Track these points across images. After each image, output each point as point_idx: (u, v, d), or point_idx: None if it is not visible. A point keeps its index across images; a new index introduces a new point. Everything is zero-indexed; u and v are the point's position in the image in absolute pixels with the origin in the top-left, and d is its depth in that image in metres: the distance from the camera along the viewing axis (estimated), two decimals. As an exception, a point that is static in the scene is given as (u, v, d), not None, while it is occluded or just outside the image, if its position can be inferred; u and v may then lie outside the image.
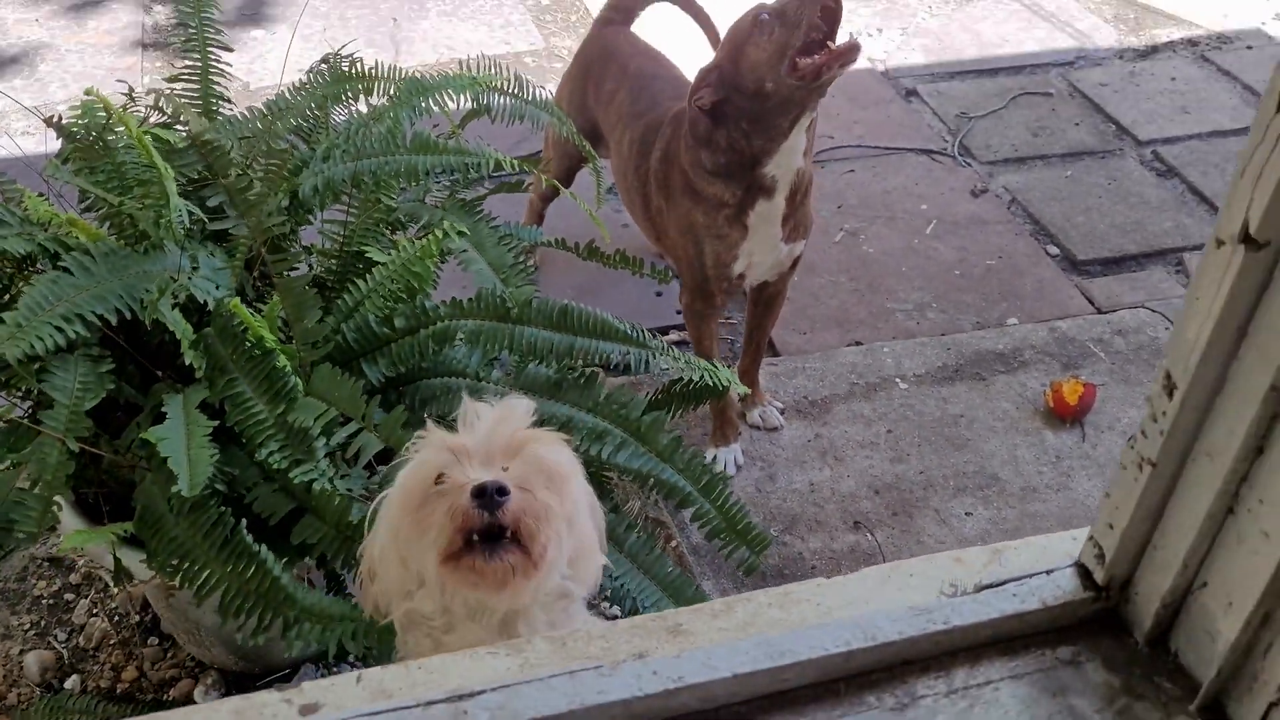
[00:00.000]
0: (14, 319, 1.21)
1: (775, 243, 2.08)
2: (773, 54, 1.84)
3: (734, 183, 1.99)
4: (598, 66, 2.47)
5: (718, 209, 2.02)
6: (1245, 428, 0.63)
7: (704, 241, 2.06)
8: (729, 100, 1.92)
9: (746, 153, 1.95)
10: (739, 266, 2.09)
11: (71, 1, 4.03)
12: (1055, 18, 4.10)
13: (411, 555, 1.07)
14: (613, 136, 2.37)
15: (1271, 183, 0.56)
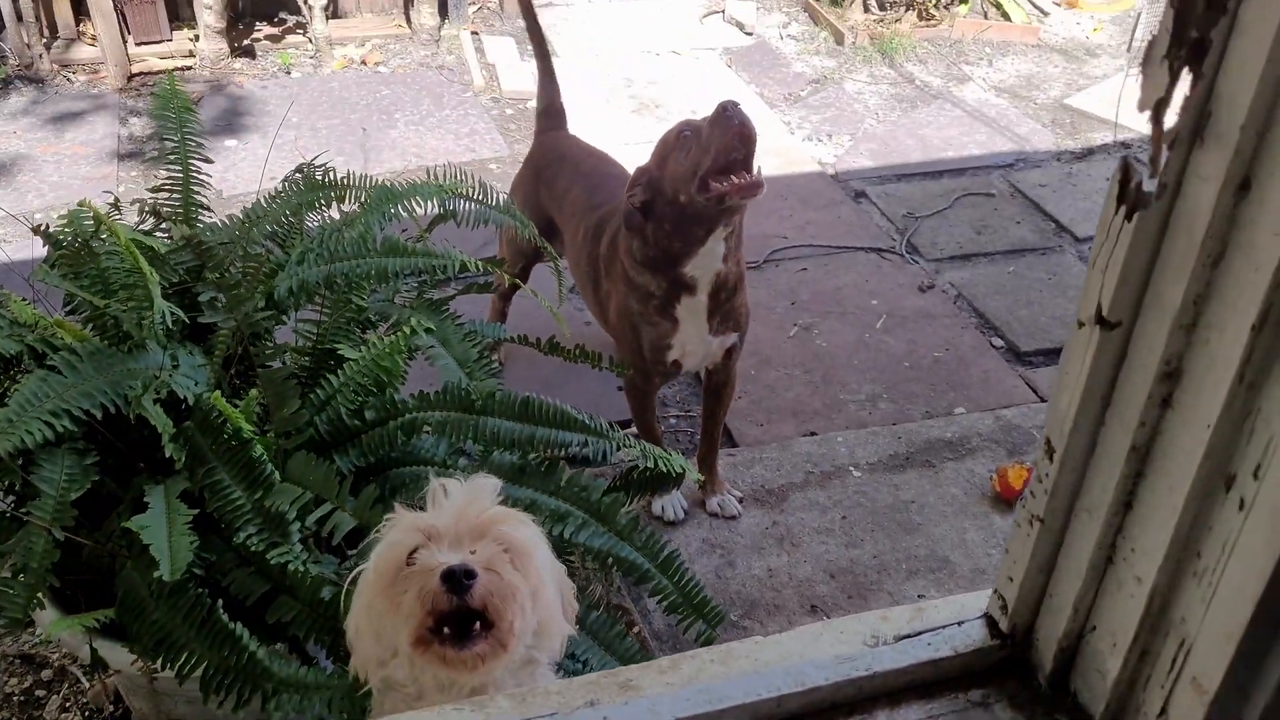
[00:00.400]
0: (5, 415, 1.29)
1: (703, 335, 2.20)
2: (687, 170, 1.97)
3: (659, 276, 2.13)
4: (549, 169, 2.61)
5: (647, 299, 2.16)
6: (1115, 484, 0.73)
7: (640, 326, 2.19)
8: (655, 202, 2.06)
9: (669, 251, 2.09)
10: (673, 354, 2.22)
11: (50, 114, 4.15)
12: (996, 123, 4.32)
13: (385, 630, 1.13)
14: (568, 229, 2.50)
15: (1116, 272, 0.67)
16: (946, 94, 4.57)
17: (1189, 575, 0.70)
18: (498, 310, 2.91)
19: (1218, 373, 0.64)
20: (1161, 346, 0.67)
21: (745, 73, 4.79)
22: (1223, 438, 0.65)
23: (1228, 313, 0.63)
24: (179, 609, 1.33)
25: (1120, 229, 0.66)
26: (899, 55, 4.87)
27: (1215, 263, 0.63)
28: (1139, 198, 0.65)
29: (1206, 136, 0.62)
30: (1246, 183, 0.61)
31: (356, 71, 4.66)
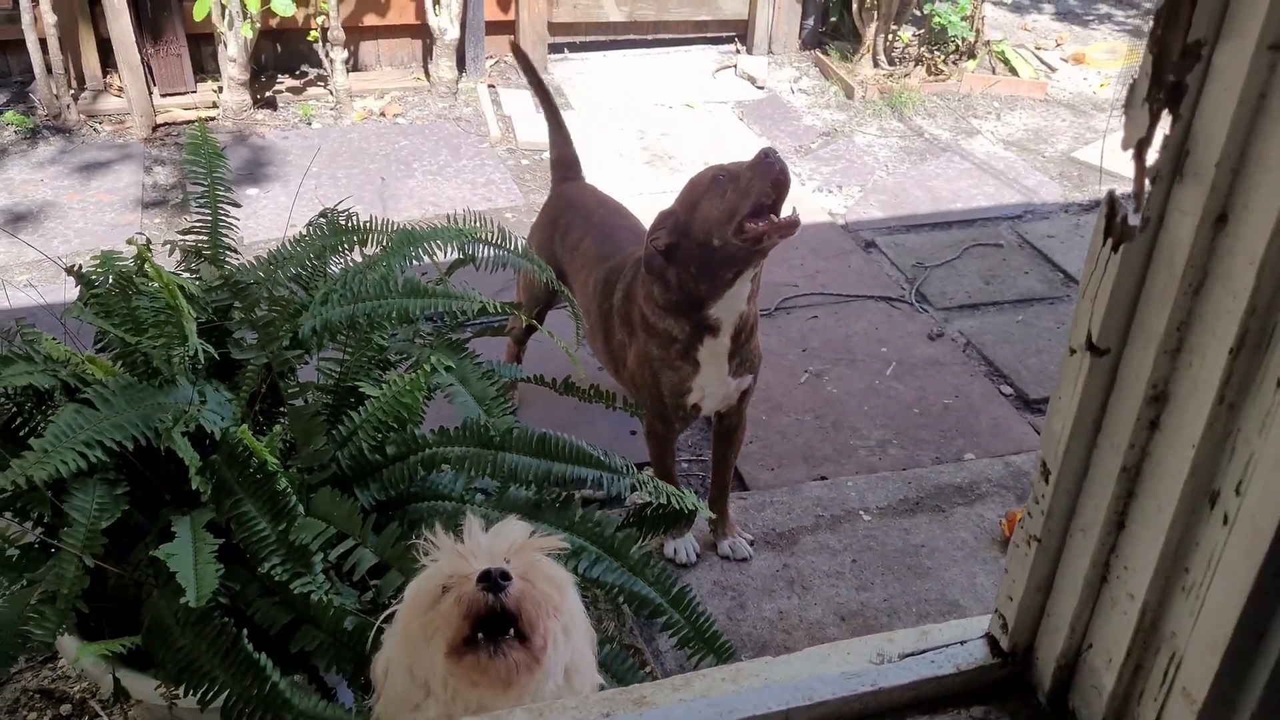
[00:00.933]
0: (41, 445, 1.33)
1: (724, 377, 2.24)
2: (723, 214, 2.03)
3: (683, 319, 2.17)
4: (564, 218, 2.67)
5: (669, 344, 2.19)
6: (1107, 504, 0.76)
7: (660, 372, 2.23)
8: (680, 245, 2.10)
9: (694, 294, 2.13)
10: (693, 398, 2.25)
11: (77, 163, 4.25)
12: (1004, 175, 4.38)
13: (419, 660, 1.15)
14: (578, 279, 2.55)
15: (1104, 301, 0.71)
16: (955, 147, 4.64)
17: (1178, 590, 0.73)
18: (513, 354, 2.96)
19: (1200, 395, 0.68)
20: (1148, 371, 0.71)
21: (757, 125, 4.87)
22: (1206, 457, 0.69)
23: (1208, 338, 0.67)
24: (204, 637, 1.37)
25: (1108, 260, 0.70)
26: (908, 109, 4.95)
27: (1196, 291, 0.68)
28: (1124, 231, 0.69)
29: (1185, 173, 0.66)
30: (1224, 216, 0.65)
31: (376, 123, 4.76)
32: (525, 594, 1.10)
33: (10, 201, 3.96)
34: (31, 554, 1.53)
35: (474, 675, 1.11)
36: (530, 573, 1.13)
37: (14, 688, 2.10)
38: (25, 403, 1.60)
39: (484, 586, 1.08)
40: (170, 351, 1.58)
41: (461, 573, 1.11)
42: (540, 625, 1.11)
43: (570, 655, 1.20)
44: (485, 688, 1.12)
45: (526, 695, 1.14)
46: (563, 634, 1.18)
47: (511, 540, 1.16)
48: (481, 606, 1.09)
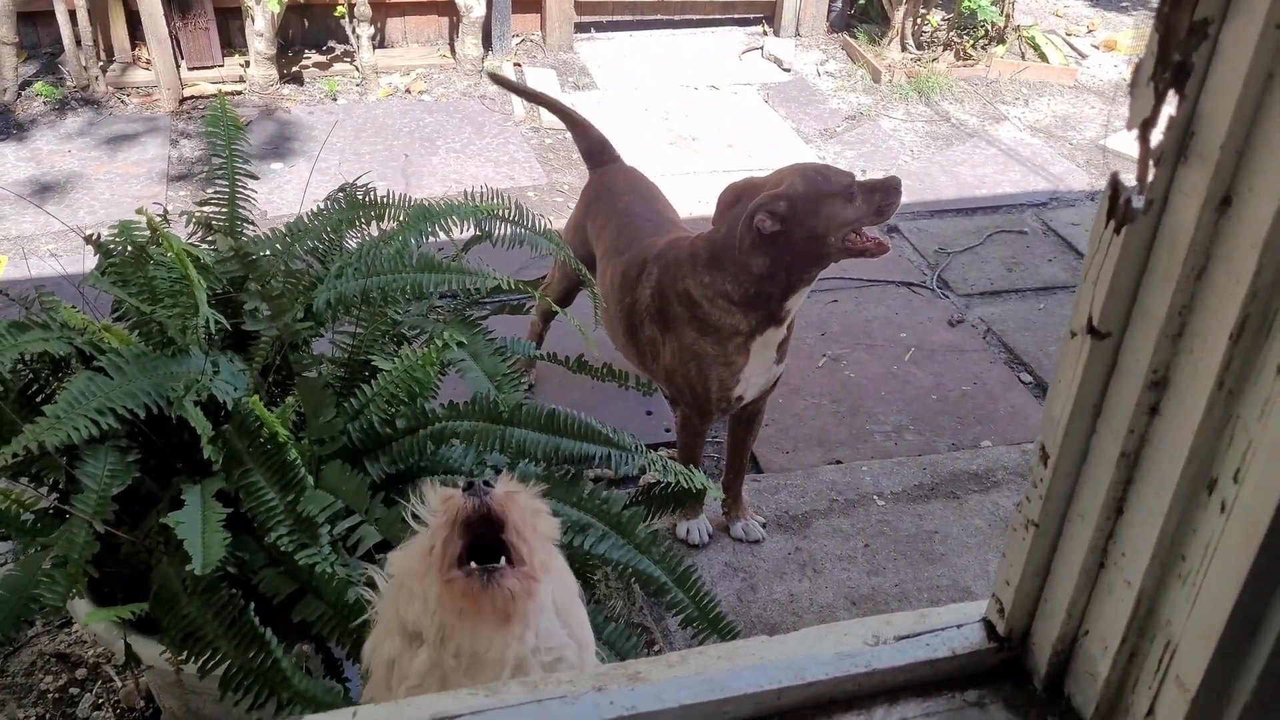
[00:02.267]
0: (54, 411, 1.34)
1: (769, 365, 2.24)
2: (849, 220, 2.08)
3: (754, 312, 2.16)
4: (595, 204, 2.66)
5: (730, 338, 2.18)
6: (1106, 490, 0.76)
7: (709, 369, 2.21)
8: (784, 234, 2.09)
9: (782, 284, 2.13)
10: (739, 390, 2.25)
11: (104, 135, 4.28)
12: (1030, 162, 4.34)
13: (410, 605, 1.11)
14: (599, 267, 2.54)
15: (1106, 284, 0.70)
16: (982, 133, 4.60)
17: (1174, 577, 0.73)
18: (537, 331, 2.96)
19: (1200, 380, 0.67)
20: (1149, 356, 0.70)
21: (782, 108, 4.84)
22: (1205, 443, 0.68)
23: (1209, 322, 0.66)
24: (210, 605, 1.38)
25: (1110, 243, 0.70)
26: (935, 94, 4.91)
27: (1199, 275, 0.67)
28: (1127, 213, 0.68)
29: (1190, 155, 0.65)
30: (1228, 199, 0.64)
31: (401, 100, 4.76)
32: (510, 501, 1.09)
33: (38, 172, 3.99)
34: (45, 519, 1.55)
35: (466, 606, 1.06)
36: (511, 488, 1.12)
37: (31, 651, 2.13)
38: (42, 369, 1.62)
39: (469, 493, 1.07)
40: (185, 321, 1.59)
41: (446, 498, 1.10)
42: (528, 535, 1.09)
43: (559, 593, 1.18)
44: (479, 619, 1.07)
45: (523, 627, 1.09)
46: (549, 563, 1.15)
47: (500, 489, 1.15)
48: (469, 510, 1.07)
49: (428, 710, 0.80)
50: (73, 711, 2.01)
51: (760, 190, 2.13)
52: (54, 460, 1.45)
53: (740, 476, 2.49)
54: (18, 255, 3.44)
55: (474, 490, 1.08)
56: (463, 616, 1.07)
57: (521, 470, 1.58)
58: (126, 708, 2.00)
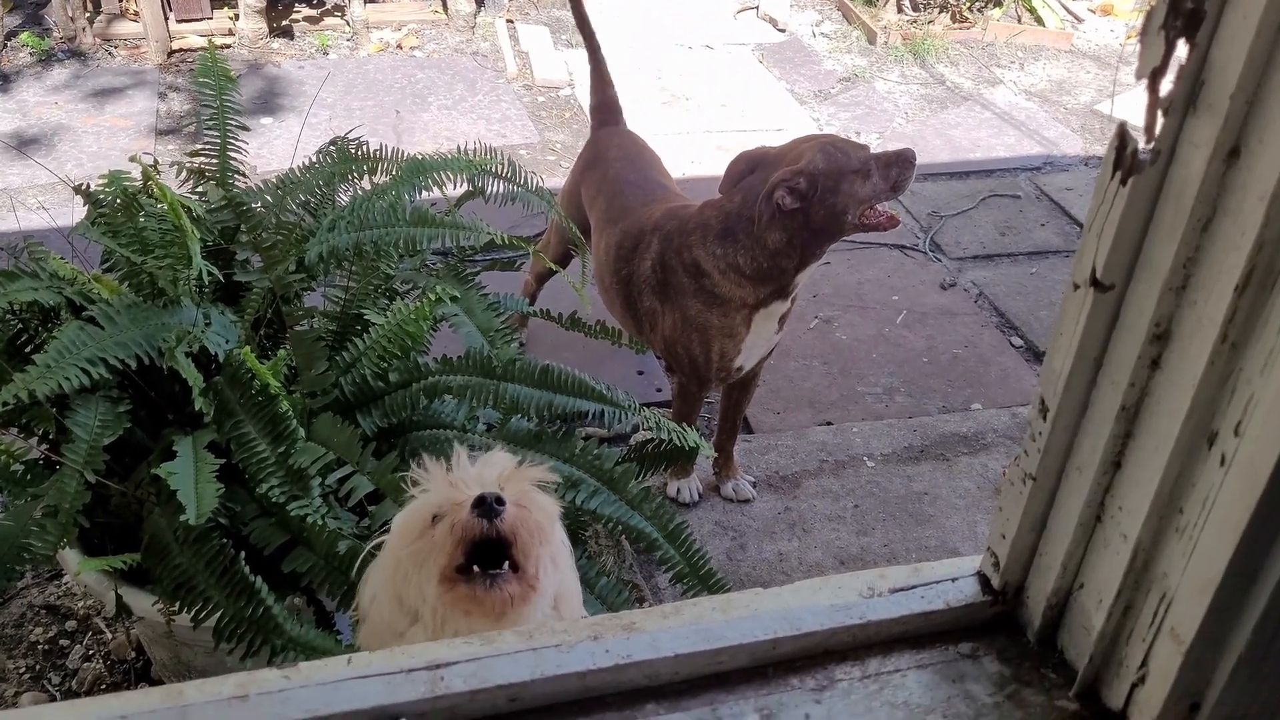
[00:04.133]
0: (44, 360, 1.33)
1: (770, 335, 2.25)
2: (867, 195, 2.08)
3: (764, 286, 2.15)
4: (590, 170, 2.63)
5: (737, 310, 2.18)
6: (1105, 444, 0.75)
7: (713, 341, 2.21)
8: (803, 210, 2.08)
9: (796, 258, 2.12)
10: (740, 359, 2.25)
11: (91, 88, 4.23)
12: (1025, 126, 4.32)
13: (409, 589, 1.13)
14: (592, 238, 2.52)
15: (1110, 235, 0.70)
16: (977, 96, 4.58)
17: (1172, 531, 0.73)
18: (530, 291, 2.94)
19: (1203, 333, 0.67)
20: (1152, 308, 0.70)
21: (776, 69, 4.81)
22: (1206, 397, 0.68)
23: (1214, 275, 0.66)
24: (202, 555, 1.38)
25: (1115, 194, 0.69)
26: (931, 56, 4.88)
27: (1205, 227, 0.66)
28: (1134, 164, 0.68)
29: (1199, 104, 0.64)
30: (1236, 150, 0.64)
31: (392, 55, 4.71)
32: (520, 520, 1.08)
33: (24, 124, 3.94)
34: (36, 470, 1.54)
35: (467, 605, 1.08)
36: (524, 500, 1.12)
37: (20, 603, 2.13)
38: (31, 320, 1.60)
39: (479, 512, 1.06)
40: (176, 272, 1.58)
41: (453, 500, 1.09)
42: (533, 553, 1.09)
43: (558, 583, 1.19)
44: (478, 618, 1.10)
45: (519, 624, 1.13)
46: (551, 563, 1.17)
47: (500, 469, 1.14)
48: (476, 532, 1.06)
49: (423, 658, 0.80)
50: (63, 663, 2.02)
51: (774, 162, 2.11)
52: (44, 411, 1.44)
53: (733, 438, 2.50)
54: (5, 208, 3.41)
55: (485, 509, 1.07)
56: (464, 615, 1.08)
57: (512, 426, 1.58)
58: (117, 659, 2.01)
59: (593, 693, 0.80)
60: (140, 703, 0.76)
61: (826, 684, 0.83)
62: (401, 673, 0.79)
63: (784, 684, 0.83)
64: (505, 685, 0.78)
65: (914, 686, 0.83)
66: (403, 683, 0.78)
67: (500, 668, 0.80)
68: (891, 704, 0.81)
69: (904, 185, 2.11)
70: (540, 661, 0.80)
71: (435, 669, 0.79)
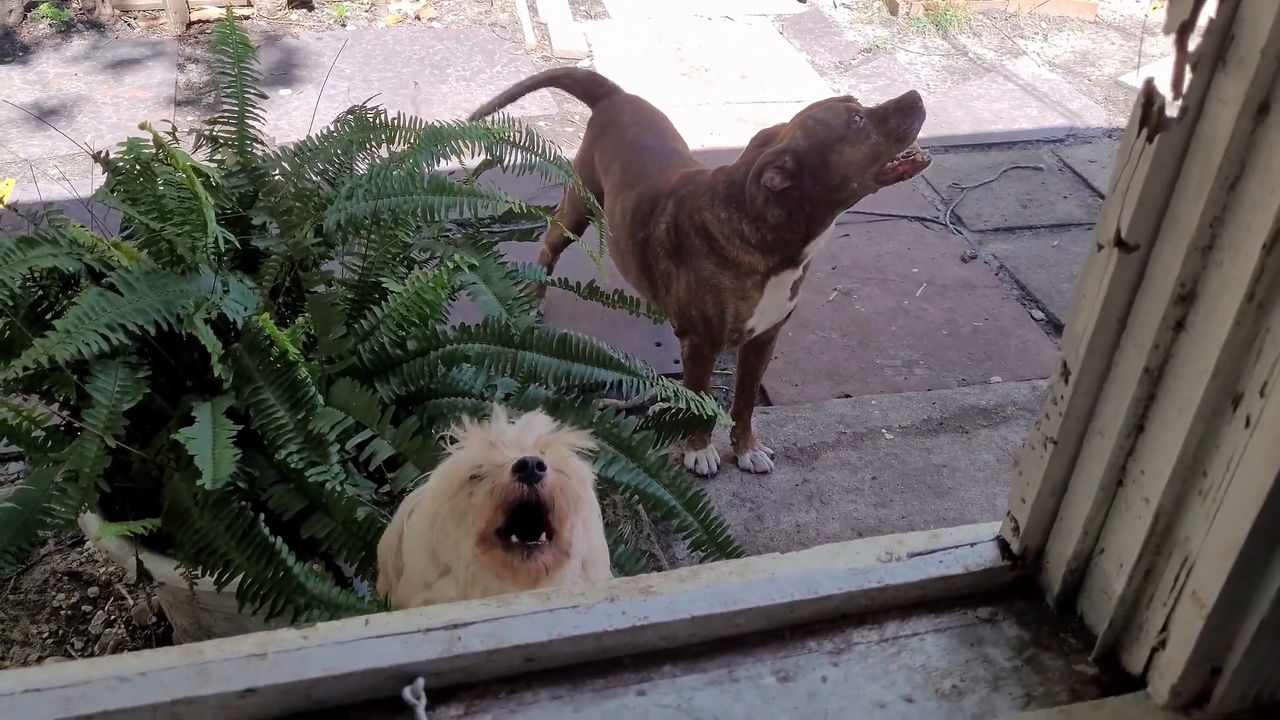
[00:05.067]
0: (64, 325, 1.34)
1: (783, 302, 2.24)
2: (866, 157, 2.01)
3: (773, 255, 2.15)
4: (603, 136, 2.63)
5: (748, 275, 2.17)
6: (1127, 407, 0.75)
7: (726, 302, 2.20)
8: (796, 187, 2.05)
9: (799, 233, 2.10)
10: (752, 322, 2.24)
11: (109, 59, 4.23)
12: (1048, 98, 4.28)
13: (444, 544, 1.12)
14: (606, 202, 2.52)
15: (1136, 194, 0.69)
16: (999, 67, 4.53)
17: (1194, 494, 0.72)
18: (546, 261, 2.94)
19: (1230, 293, 0.66)
20: (1178, 269, 0.69)
21: (797, 40, 4.77)
22: (1232, 358, 0.67)
23: (1242, 233, 0.65)
24: (221, 519, 1.38)
25: (1141, 152, 0.68)
26: (953, 27, 4.83)
27: (1232, 185, 0.65)
28: (1160, 121, 0.67)
29: (1229, 60, 0.63)
30: (1265, 106, 0.63)
31: (410, 26, 4.70)
32: (559, 486, 1.08)
33: (43, 95, 3.95)
34: (57, 436, 1.55)
35: (501, 571, 1.08)
36: (562, 466, 1.12)
37: (43, 569, 2.15)
38: (51, 286, 1.61)
39: (520, 476, 1.05)
40: (194, 240, 1.58)
41: (493, 462, 1.09)
42: (569, 519, 1.09)
43: (588, 547, 1.19)
44: (511, 583, 1.10)
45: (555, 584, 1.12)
46: (583, 528, 1.17)
47: (538, 433, 1.14)
48: (516, 496, 1.06)
49: (441, 618, 0.80)
50: (85, 628, 2.04)
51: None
52: (65, 377, 1.45)
53: (750, 406, 2.49)
54: (25, 178, 3.42)
55: (526, 474, 1.06)
56: (497, 579, 1.08)
57: (530, 394, 1.58)
58: (138, 625, 2.03)
59: (609, 654, 0.80)
60: (160, 660, 0.77)
61: (844, 647, 0.83)
62: (419, 632, 0.79)
63: (801, 646, 0.83)
64: (522, 645, 0.78)
65: (932, 650, 0.82)
66: (420, 642, 0.79)
67: (517, 628, 0.80)
68: (909, 667, 0.80)
69: (910, 133, 2.02)
70: (557, 622, 0.80)
71: (453, 629, 0.79)
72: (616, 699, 0.78)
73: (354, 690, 0.76)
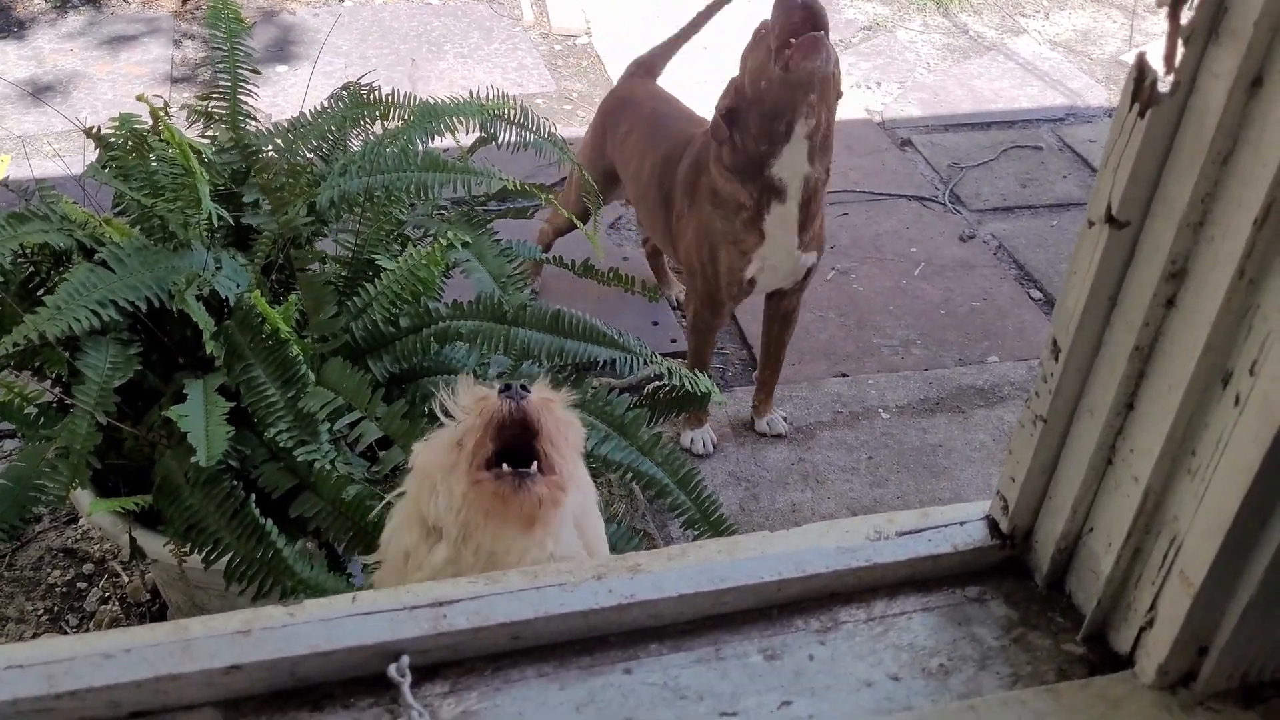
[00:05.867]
0: (54, 302, 1.33)
1: (792, 249, 2.22)
2: (764, 56, 2.06)
3: (749, 183, 2.15)
4: (614, 116, 2.64)
5: (736, 212, 2.17)
6: (1117, 385, 0.74)
7: (720, 247, 2.21)
8: (739, 106, 2.13)
9: (755, 154, 2.12)
10: (751, 270, 2.23)
11: (106, 35, 4.21)
12: (1048, 76, 4.26)
13: (435, 499, 1.09)
14: (629, 169, 2.53)
15: (1127, 171, 0.68)
16: (1000, 46, 4.51)
17: (1183, 473, 0.71)
18: (546, 241, 2.92)
19: (1220, 270, 0.65)
20: (1169, 245, 0.68)
21: (797, 17, 4.74)
22: (1222, 335, 0.66)
23: (1233, 209, 0.64)
24: (212, 498, 1.38)
25: (1133, 127, 0.67)
26: (954, 5, 4.80)
27: (1224, 160, 0.64)
28: (1153, 95, 0.66)
29: (1222, 32, 0.62)
30: (1259, 79, 0.62)
31: (408, 3, 4.67)
32: (545, 408, 1.07)
33: (39, 71, 3.93)
34: (49, 413, 1.54)
35: (493, 505, 1.05)
36: (547, 402, 1.11)
37: (38, 546, 2.15)
38: (42, 262, 1.60)
39: (506, 395, 1.05)
40: (186, 216, 1.57)
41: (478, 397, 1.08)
42: (560, 445, 1.08)
43: (582, 506, 1.18)
44: (507, 522, 1.06)
45: (547, 538, 1.08)
46: (575, 478, 1.14)
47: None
48: (504, 413, 1.05)
49: (427, 595, 0.80)
50: (80, 605, 2.04)
51: None
52: (56, 354, 1.45)
53: (775, 374, 2.50)
54: (20, 155, 3.41)
55: (511, 393, 1.05)
56: (489, 517, 1.04)
57: (523, 371, 1.57)
58: (133, 602, 2.03)
59: (595, 632, 0.80)
60: (146, 637, 0.76)
61: (831, 625, 0.82)
62: (405, 609, 0.79)
63: (788, 625, 0.82)
64: (508, 623, 0.78)
65: (919, 629, 0.82)
66: (406, 620, 0.78)
67: (503, 606, 0.79)
68: (896, 646, 0.80)
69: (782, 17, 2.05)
70: (544, 600, 0.80)
71: (438, 606, 0.79)
72: (603, 677, 0.77)
73: (339, 667, 0.76)
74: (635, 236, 3.23)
